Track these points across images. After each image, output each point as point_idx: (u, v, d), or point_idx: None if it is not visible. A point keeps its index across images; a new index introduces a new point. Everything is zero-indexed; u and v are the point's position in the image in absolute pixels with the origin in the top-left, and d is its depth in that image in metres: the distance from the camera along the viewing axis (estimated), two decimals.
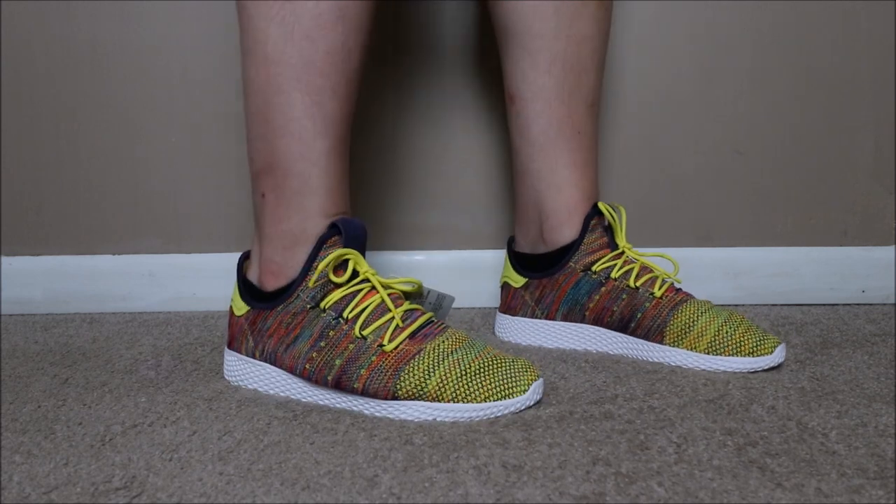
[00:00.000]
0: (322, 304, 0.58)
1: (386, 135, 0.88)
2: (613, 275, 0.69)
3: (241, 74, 0.60)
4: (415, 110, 0.88)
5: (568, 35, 0.69)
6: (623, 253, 0.71)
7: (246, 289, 0.63)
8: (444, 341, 0.57)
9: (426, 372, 0.54)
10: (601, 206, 0.71)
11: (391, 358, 0.55)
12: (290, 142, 0.58)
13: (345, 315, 0.57)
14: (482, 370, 0.55)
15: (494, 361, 0.56)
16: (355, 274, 0.59)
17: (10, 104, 0.88)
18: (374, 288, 0.59)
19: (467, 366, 0.55)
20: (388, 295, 0.59)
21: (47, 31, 0.86)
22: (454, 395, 0.54)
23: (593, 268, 0.70)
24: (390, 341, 0.56)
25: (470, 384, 0.54)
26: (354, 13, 0.57)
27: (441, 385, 0.54)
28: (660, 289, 0.68)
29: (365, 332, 0.56)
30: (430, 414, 0.54)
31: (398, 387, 0.54)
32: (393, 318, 0.57)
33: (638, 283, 0.68)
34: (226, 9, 0.85)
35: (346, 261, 0.58)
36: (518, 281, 0.74)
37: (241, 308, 0.62)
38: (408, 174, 0.89)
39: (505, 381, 0.55)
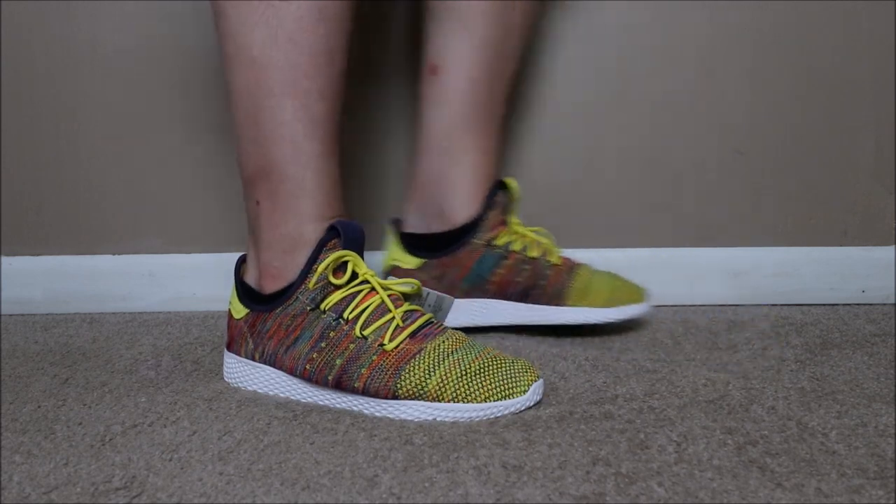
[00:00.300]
0: (322, 306, 0.58)
1: (383, 136, 0.88)
2: (515, 248, 0.73)
3: (225, 80, 0.59)
4: (414, 110, 0.88)
5: (503, 20, 0.71)
6: (514, 228, 0.75)
7: (244, 291, 0.63)
8: (444, 341, 0.57)
9: (427, 371, 0.54)
10: (508, 181, 0.74)
11: (392, 357, 0.55)
12: (282, 146, 0.58)
13: (345, 316, 0.57)
14: (482, 370, 0.55)
15: (494, 362, 0.56)
16: (355, 275, 0.59)
17: (10, 104, 0.88)
18: (373, 289, 0.59)
19: (467, 366, 0.55)
20: (388, 296, 0.59)
21: (47, 31, 0.86)
22: (454, 394, 0.54)
23: (494, 242, 0.73)
24: (391, 341, 0.56)
25: (470, 384, 0.54)
26: (334, 13, 0.57)
27: (441, 385, 0.54)
28: (557, 258, 0.74)
29: (365, 332, 0.56)
30: (430, 414, 0.54)
31: (399, 386, 0.54)
32: (393, 318, 0.57)
33: (537, 255, 0.73)
34: None
35: (346, 262, 0.58)
36: (410, 262, 0.74)
37: (240, 311, 0.62)
38: (406, 174, 0.89)
39: (505, 381, 0.55)
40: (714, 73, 0.86)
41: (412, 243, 0.75)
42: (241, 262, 0.65)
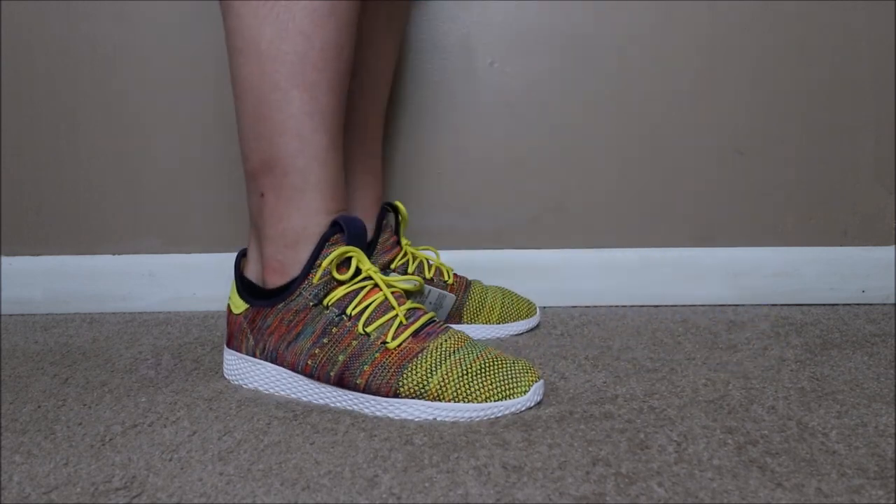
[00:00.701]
0: (325, 302, 0.58)
1: (384, 135, 0.88)
2: (410, 270, 0.75)
3: (231, 74, 0.59)
4: (414, 110, 0.88)
5: (387, 40, 0.73)
6: (405, 249, 0.76)
7: (244, 287, 0.63)
8: (446, 341, 0.57)
9: (428, 371, 0.55)
10: (398, 204, 0.76)
11: (394, 355, 0.55)
12: (289, 139, 0.58)
13: (348, 312, 0.57)
14: (483, 370, 0.55)
15: (495, 362, 0.56)
16: (358, 272, 0.59)
17: (10, 104, 0.88)
18: (376, 286, 0.59)
19: (468, 366, 0.55)
20: (391, 293, 0.59)
21: (47, 31, 0.86)
22: (455, 394, 0.54)
23: (392, 265, 0.74)
24: (394, 338, 0.56)
25: (471, 384, 0.54)
26: (344, 9, 0.57)
27: (442, 384, 0.54)
28: (449, 276, 0.76)
29: (368, 329, 0.56)
30: (430, 413, 0.54)
31: (401, 384, 0.54)
32: (396, 315, 0.57)
33: (431, 275, 0.75)
34: None
35: (349, 258, 0.59)
36: None
37: (240, 306, 0.62)
38: (406, 174, 0.89)
39: (505, 381, 0.55)
40: (714, 73, 0.86)
41: None
42: (242, 257, 0.65)
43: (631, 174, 0.88)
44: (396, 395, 0.55)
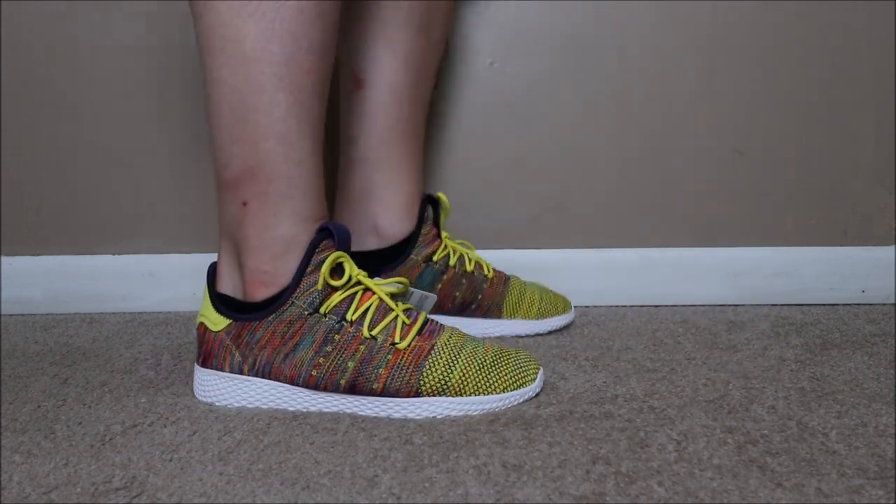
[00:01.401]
0: (322, 309, 0.56)
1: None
2: (451, 263, 0.74)
3: (205, 77, 0.56)
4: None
5: (427, 35, 0.71)
6: (445, 242, 0.76)
7: (221, 301, 0.59)
8: (451, 337, 0.58)
9: (447, 366, 0.55)
10: (440, 196, 0.75)
11: (408, 355, 0.56)
12: (275, 143, 0.55)
13: (348, 318, 0.56)
14: (496, 363, 0.57)
15: (503, 354, 0.58)
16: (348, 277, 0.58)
17: (10, 104, 0.88)
18: (367, 289, 0.58)
19: (481, 359, 0.57)
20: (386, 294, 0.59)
21: (47, 31, 0.86)
22: (475, 387, 0.55)
23: (433, 258, 0.74)
24: (402, 339, 0.56)
25: (489, 376, 0.56)
26: (330, 10, 0.56)
27: (463, 379, 0.55)
28: (489, 270, 0.76)
29: (374, 333, 0.56)
30: (458, 409, 0.55)
31: (422, 383, 0.55)
32: (397, 316, 0.57)
33: (471, 268, 0.75)
34: None
35: (340, 264, 0.58)
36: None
37: (219, 322, 0.58)
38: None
39: (517, 371, 0.57)
40: (714, 73, 0.86)
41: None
42: (213, 272, 0.61)
43: (631, 174, 0.88)
44: (418, 395, 0.55)
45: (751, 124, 0.87)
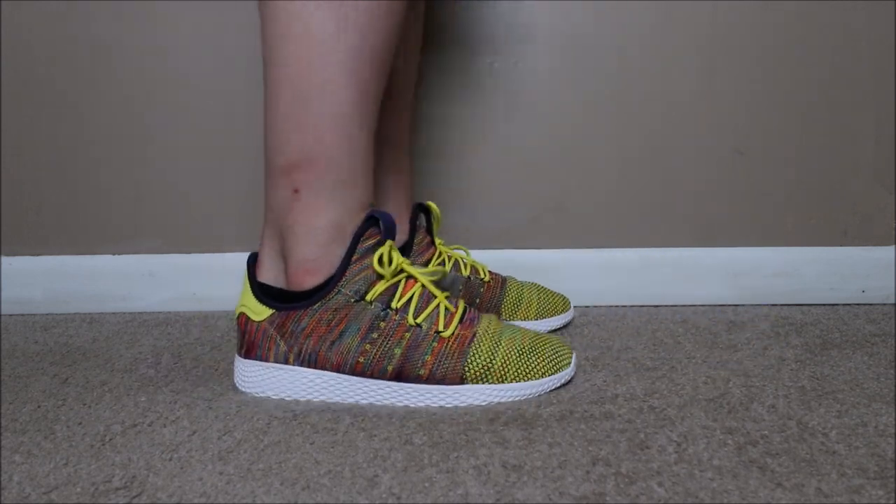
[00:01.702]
0: (368, 297, 0.57)
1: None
2: (447, 268, 0.75)
3: (269, 62, 0.56)
4: (416, 110, 0.88)
5: (404, 58, 0.74)
6: (439, 249, 0.77)
7: (263, 291, 0.60)
8: (490, 324, 0.60)
9: (490, 353, 0.57)
10: (430, 204, 0.76)
11: (453, 342, 0.57)
12: (337, 134, 0.56)
13: (392, 305, 0.57)
14: (534, 348, 0.59)
15: (538, 339, 0.60)
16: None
17: (10, 104, 0.88)
18: (410, 277, 0.59)
19: (520, 345, 0.58)
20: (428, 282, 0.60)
21: (47, 31, 0.86)
22: (516, 374, 0.57)
23: (429, 266, 0.75)
24: (446, 327, 0.57)
25: (528, 362, 0.58)
26: (399, 10, 0.57)
27: (504, 365, 0.57)
28: (485, 273, 0.77)
29: (419, 320, 0.57)
30: (503, 395, 0.57)
31: (466, 369, 0.56)
32: (440, 304, 0.58)
33: (467, 273, 0.76)
34: (228, 8, 0.85)
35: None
36: None
37: (262, 312, 0.58)
38: None
39: (554, 356, 0.59)
40: (714, 73, 0.86)
41: None
42: (253, 262, 0.62)
43: (631, 174, 0.88)
44: (462, 381, 0.56)
45: (751, 124, 0.87)
